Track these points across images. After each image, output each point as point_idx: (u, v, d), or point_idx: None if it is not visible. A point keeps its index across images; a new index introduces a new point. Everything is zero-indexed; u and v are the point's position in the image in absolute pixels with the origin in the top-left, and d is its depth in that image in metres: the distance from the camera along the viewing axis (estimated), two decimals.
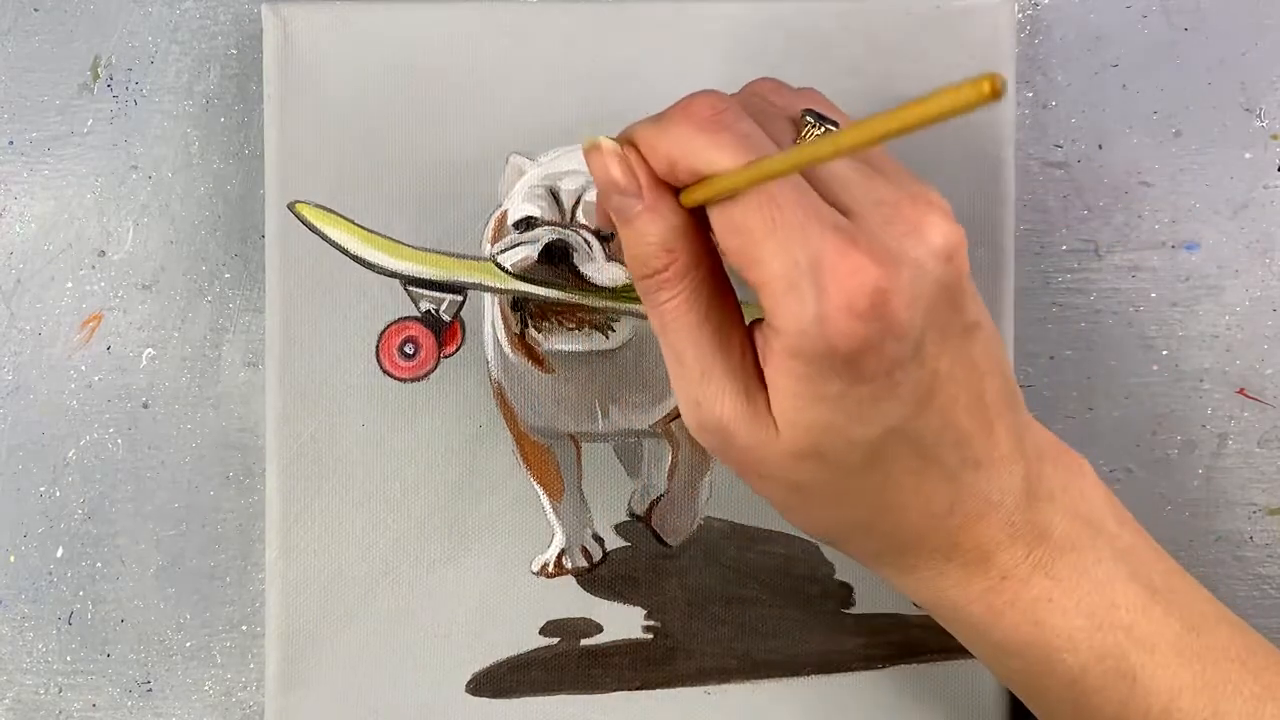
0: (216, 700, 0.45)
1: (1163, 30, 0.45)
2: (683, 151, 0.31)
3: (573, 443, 0.44)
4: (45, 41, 0.44)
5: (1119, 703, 0.34)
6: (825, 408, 0.31)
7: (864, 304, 0.30)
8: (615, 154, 0.33)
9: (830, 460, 0.32)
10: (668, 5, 0.43)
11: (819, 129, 0.33)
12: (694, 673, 0.44)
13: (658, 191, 0.32)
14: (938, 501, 0.33)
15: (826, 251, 0.30)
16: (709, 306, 0.33)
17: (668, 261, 0.32)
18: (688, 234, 0.32)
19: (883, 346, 0.30)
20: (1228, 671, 0.34)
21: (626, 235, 0.33)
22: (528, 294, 0.42)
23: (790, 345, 0.31)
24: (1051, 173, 0.45)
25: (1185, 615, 0.34)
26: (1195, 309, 0.45)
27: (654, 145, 0.32)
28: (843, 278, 0.30)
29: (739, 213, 0.31)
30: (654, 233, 0.32)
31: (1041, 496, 0.34)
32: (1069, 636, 0.34)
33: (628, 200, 0.33)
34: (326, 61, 0.43)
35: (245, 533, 0.45)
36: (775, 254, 0.30)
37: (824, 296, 0.30)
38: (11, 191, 0.45)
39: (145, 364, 0.45)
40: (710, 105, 0.32)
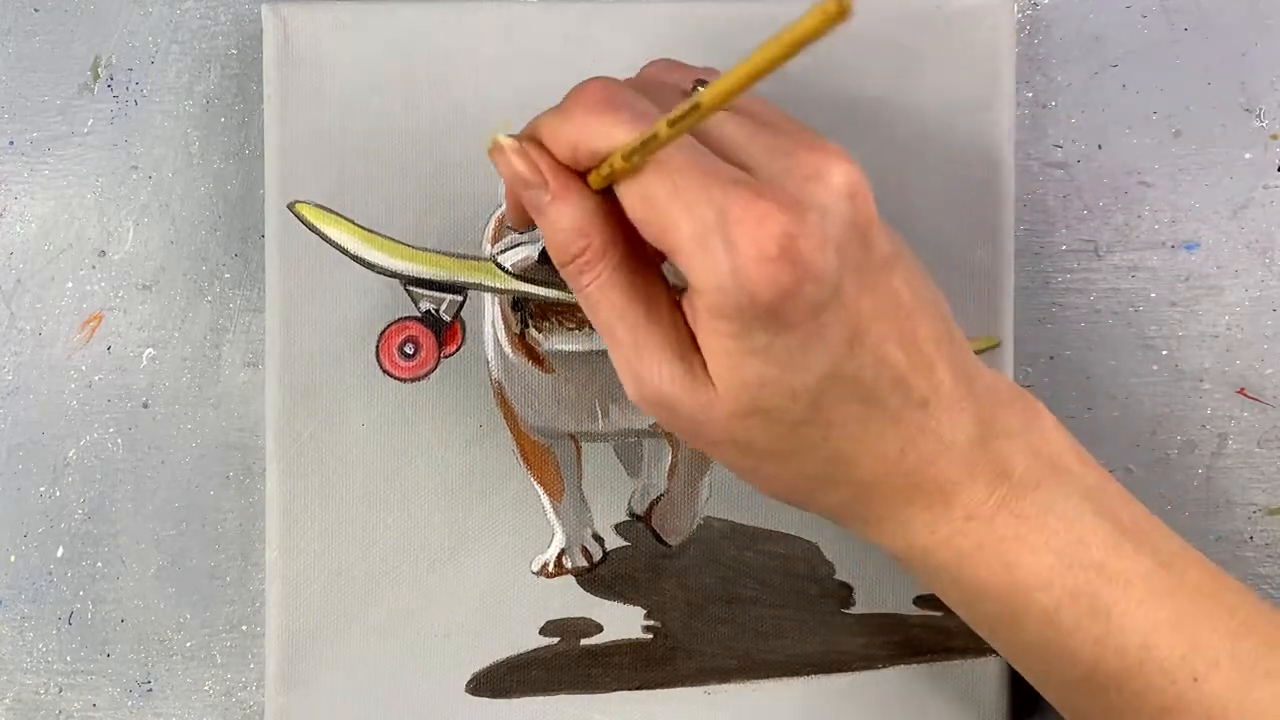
0: (216, 700, 0.45)
1: (1163, 30, 0.45)
2: (581, 135, 0.32)
3: (573, 442, 0.44)
4: (45, 41, 0.45)
5: (1094, 641, 0.34)
6: (756, 361, 0.31)
7: (774, 250, 0.30)
8: (515, 149, 0.34)
9: (773, 415, 0.32)
10: (668, 5, 0.43)
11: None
12: (694, 673, 0.44)
13: (562, 179, 0.33)
14: (888, 444, 0.33)
15: (730, 205, 0.30)
16: (632, 282, 0.33)
17: (584, 245, 0.33)
18: (600, 216, 0.33)
19: (801, 291, 0.30)
20: (1203, 607, 0.34)
21: (542, 225, 0.34)
22: (528, 294, 0.42)
23: (711, 303, 0.31)
24: (1051, 173, 0.45)
25: (1156, 553, 0.34)
26: (1195, 309, 0.45)
27: (555, 134, 0.33)
28: (750, 228, 0.30)
29: (642, 185, 0.31)
30: (566, 219, 0.33)
31: (998, 435, 0.34)
32: (1040, 575, 0.34)
33: (536, 192, 0.33)
34: (326, 61, 0.43)
35: (245, 533, 0.45)
36: (682, 217, 0.31)
37: (734, 249, 0.30)
38: (11, 191, 0.45)
39: (145, 364, 0.45)
40: (601, 88, 0.33)
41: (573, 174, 0.33)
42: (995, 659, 0.43)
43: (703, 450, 0.35)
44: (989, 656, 0.43)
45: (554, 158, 0.33)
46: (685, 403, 0.33)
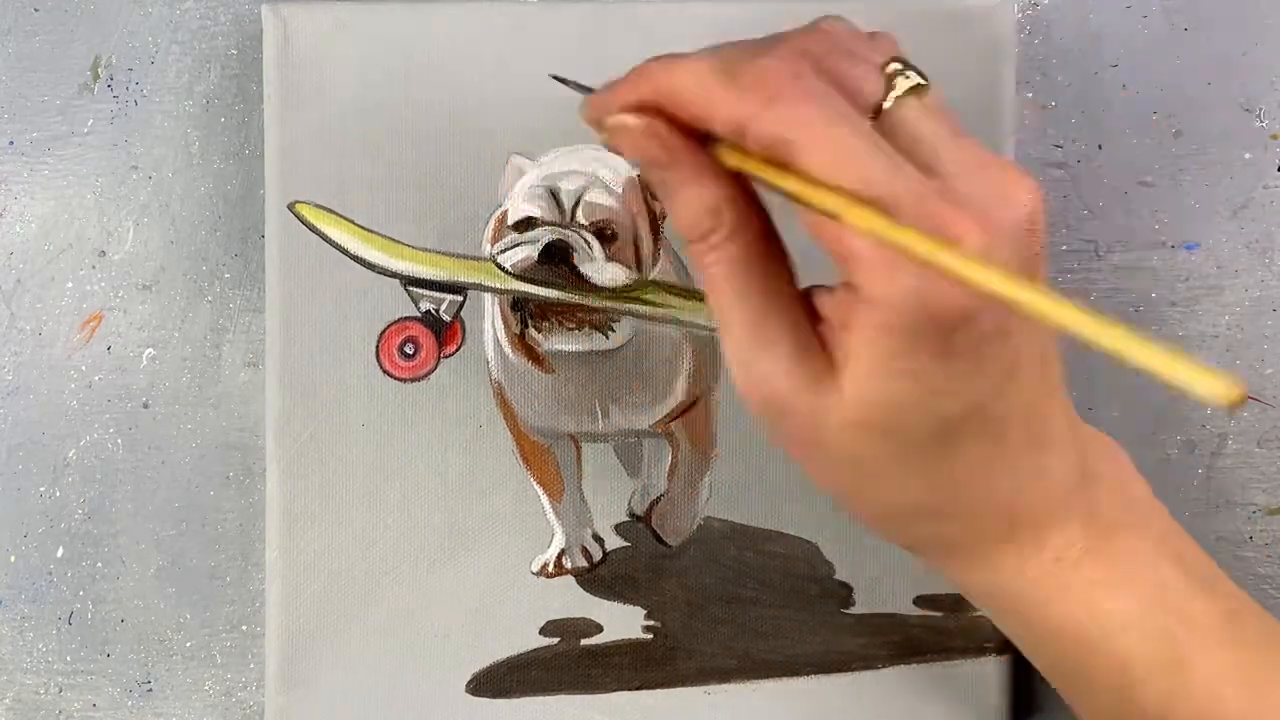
0: (216, 700, 0.45)
1: (1163, 30, 0.45)
2: (757, 121, 0.29)
3: (573, 443, 0.44)
4: (45, 41, 0.44)
5: (1166, 690, 0.33)
6: (906, 382, 0.30)
7: None
8: (644, 132, 0.31)
9: (898, 435, 0.31)
10: (668, 5, 0.43)
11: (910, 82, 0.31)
12: (694, 673, 0.44)
13: (698, 162, 0.31)
14: (1001, 483, 0.32)
15: (927, 221, 0.28)
16: (758, 268, 0.31)
17: (716, 224, 0.31)
18: (734, 195, 0.31)
19: (978, 318, 0.29)
20: (1267, 658, 0.33)
21: (672, 203, 0.32)
22: (528, 294, 0.42)
23: (885, 317, 0.29)
24: (1051, 173, 0.45)
25: (1224, 602, 0.34)
26: (1195, 309, 0.45)
27: (719, 109, 0.30)
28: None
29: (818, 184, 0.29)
30: (698, 199, 0.31)
31: (1093, 480, 0.34)
32: (1121, 619, 0.33)
33: (664, 171, 0.31)
34: (326, 61, 0.43)
35: (245, 533, 0.45)
36: None
37: None
38: (11, 191, 0.45)
39: (145, 364, 0.45)
40: (785, 72, 0.29)
41: (706, 153, 0.31)
42: (995, 659, 0.43)
43: (799, 459, 0.33)
44: (989, 657, 0.43)
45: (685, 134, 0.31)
46: (797, 402, 0.31)
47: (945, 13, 0.43)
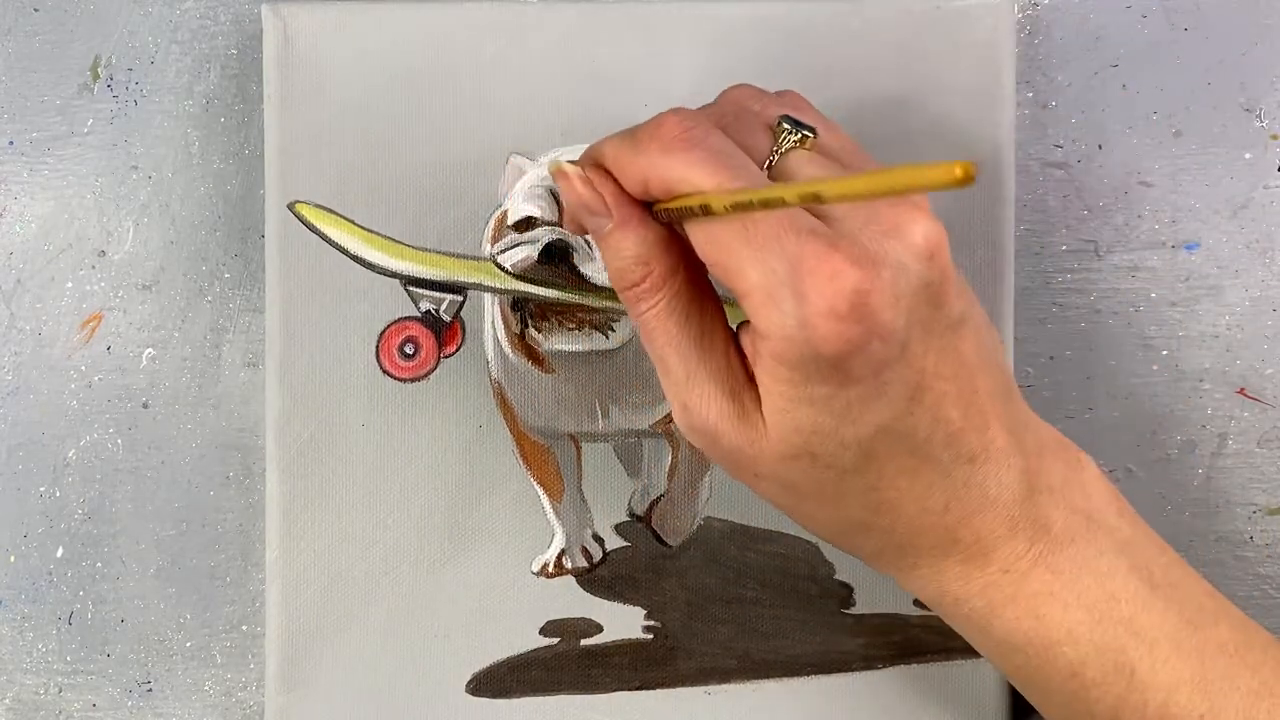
0: (216, 700, 0.45)
1: (1163, 30, 0.45)
2: (655, 171, 0.32)
3: (573, 443, 0.44)
4: (45, 41, 0.44)
5: (1116, 697, 0.34)
6: (814, 410, 0.31)
7: (844, 307, 0.30)
8: (580, 178, 0.34)
9: (821, 461, 0.32)
10: (667, 5, 0.43)
11: (795, 135, 0.33)
12: (694, 673, 0.44)
13: (627, 210, 0.33)
14: (933, 498, 0.33)
15: (804, 258, 0.30)
16: (689, 312, 0.33)
17: (644, 274, 0.33)
18: (662, 245, 0.33)
19: (868, 348, 0.30)
20: (1226, 667, 0.34)
21: (603, 251, 0.34)
22: (528, 294, 0.42)
23: (775, 350, 0.31)
24: (1051, 173, 0.45)
25: (1184, 609, 0.34)
26: (1195, 309, 0.45)
27: (625, 165, 0.33)
28: (821, 283, 0.30)
29: (714, 226, 0.31)
30: (628, 248, 0.33)
31: (1041, 490, 0.34)
32: (1069, 630, 0.34)
33: (599, 219, 0.33)
34: (326, 61, 0.43)
35: (245, 533, 0.45)
36: (753, 264, 0.30)
37: (804, 302, 0.30)
38: (11, 191, 0.45)
39: (145, 364, 0.45)
40: (679, 124, 0.32)
41: (636, 204, 0.33)
42: None
43: (747, 483, 0.35)
44: None
45: (618, 186, 0.33)
46: (732, 437, 0.33)
47: (945, 13, 0.43)
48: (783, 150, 0.33)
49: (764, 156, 0.33)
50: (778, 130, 0.34)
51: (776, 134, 0.34)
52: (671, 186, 0.32)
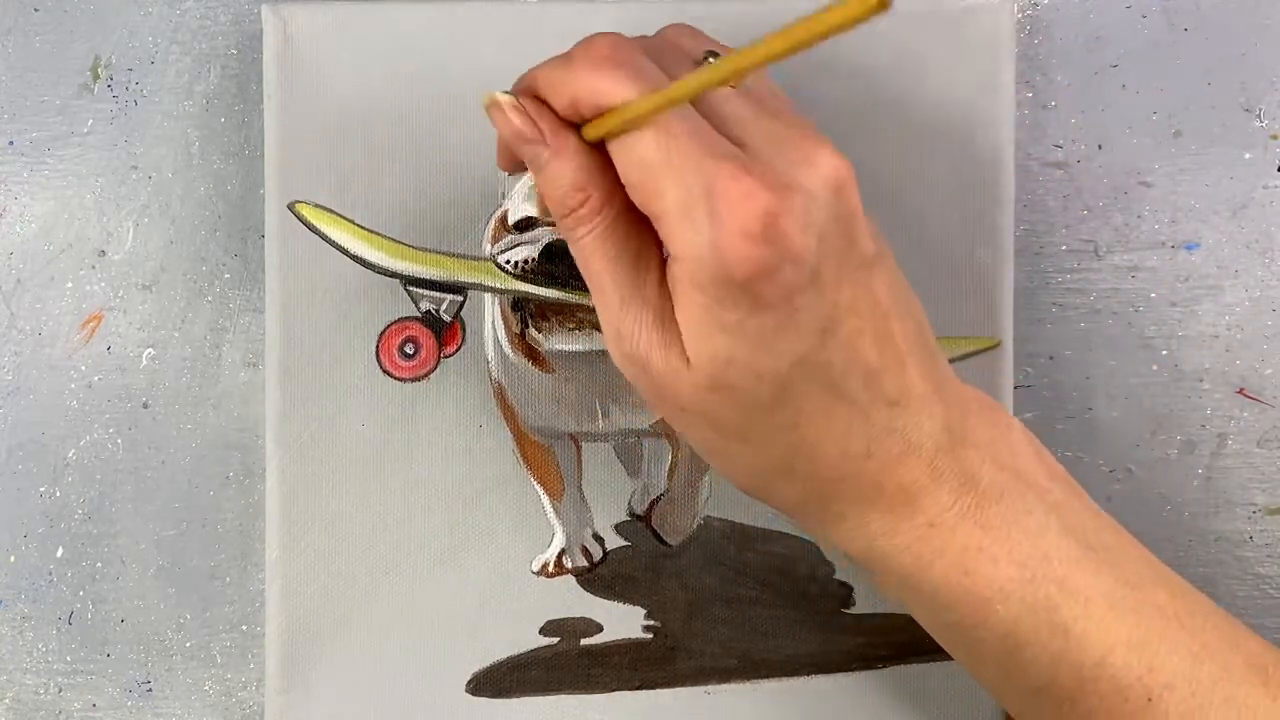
0: (216, 700, 0.45)
1: (1163, 30, 0.45)
2: (583, 89, 0.32)
3: (573, 442, 0.44)
4: (45, 41, 0.44)
5: (1052, 656, 0.33)
6: (727, 337, 0.32)
7: (756, 227, 0.30)
8: (513, 106, 0.34)
9: (739, 394, 0.32)
10: (667, 5, 0.43)
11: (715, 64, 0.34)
12: (694, 673, 0.44)
13: (562, 135, 0.33)
14: (854, 441, 0.33)
15: (719, 178, 0.30)
16: (625, 239, 0.33)
17: (581, 199, 0.33)
18: (598, 170, 0.33)
19: (779, 271, 0.31)
20: (1164, 629, 0.33)
21: (540, 181, 0.34)
22: (528, 294, 0.42)
23: (689, 272, 0.31)
24: (1051, 173, 0.45)
25: (1120, 571, 0.34)
26: (1195, 309, 0.45)
27: (555, 86, 0.33)
28: (735, 203, 0.30)
29: (637, 147, 0.31)
30: (565, 174, 0.33)
31: (966, 443, 0.34)
32: (1000, 587, 0.33)
33: (535, 148, 0.33)
34: (326, 61, 0.43)
35: (245, 533, 0.45)
36: (671, 184, 0.31)
37: (717, 221, 0.30)
38: (11, 191, 0.45)
39: (145, 364, 0.45)
40: (609, 44, 0.33)
41: (570, 128, 0.33)
42: None
43: (672, 421, 0.34)
44: None
45: (552, 112, 0.33)
46: (657, 365, 0.33)
47: (945, 12, 0.43)
48: None
49: None
50: (702, 64, 0.34)
51: (700, 67, 0.34)
52: (599, 101, 0.32)
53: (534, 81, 0.34)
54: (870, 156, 0.43)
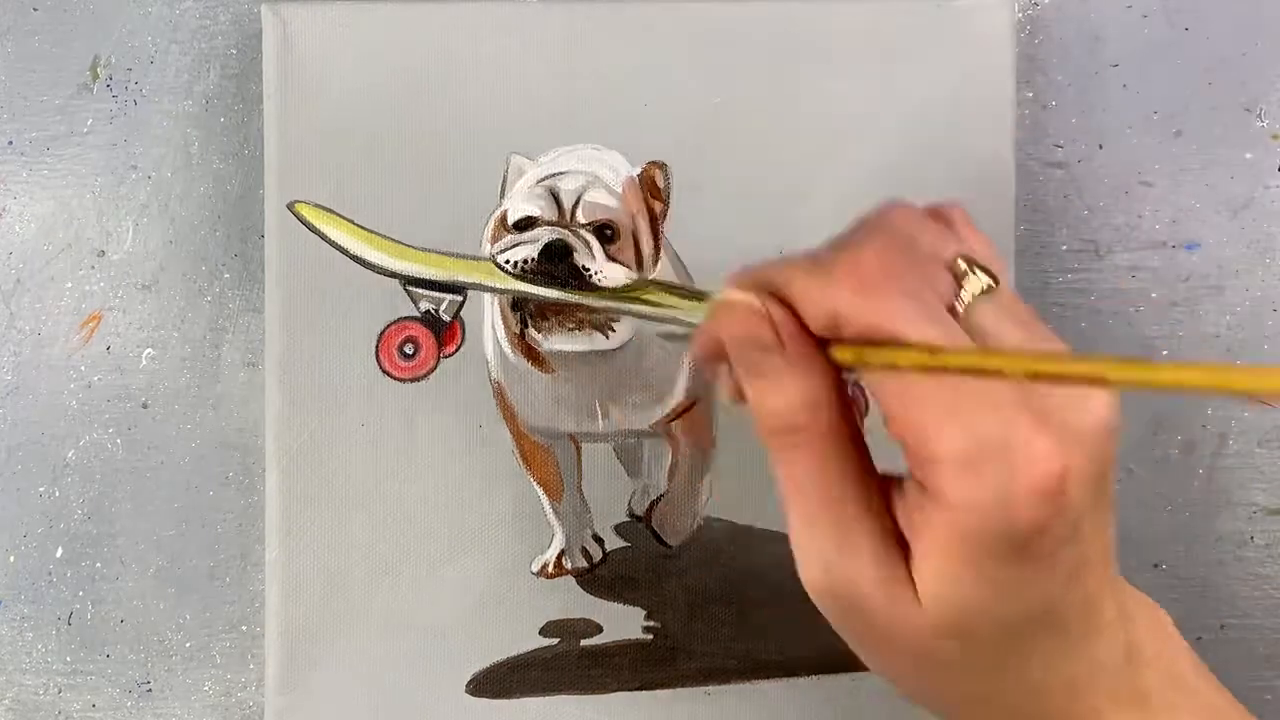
0: (216, 700, 0.45)
1: (1163, 30, 0.45)
2: (853, 310, 0.29)
3: (573, 443, 0.44)
4: (45, 41, 0.44)
5: None
6: (979, 588, 0.29)
7: (1054, 486, 0.28)
8: (751, 310, 0.30)
9: (974, 637, 0.30)
10: (667, 5, 0.43)
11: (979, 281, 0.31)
12: (694, 673, 0.44)
13: (806, 348, 0.30)
14: (1059, 671, 0.32)
15: (1018, 431, 0.28)
16: (847, 462, 0.31)
17: (810, 419, 0.30)
18: (833, 391, 0.30)
19: (1053, 528, 0.29)
20: None
21: (759, 389, 0.31)
22: (528, 294, 0.42)
23: (961, 523, 0.29)
24: (1051, 173, 0.45)
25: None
26: (1195, 309, 0.45)
27: (814, 298, 0.30)
28: (1034, 460, 0.28)
29: (913, 382, 0.29)
30: (796, 389, 0.30)
31: (1140, 662, 0.33)
32: None
33: (768, 355, 0.30)
34: (326, 61, 0.43)
35: (245, 533, 0.45)
36: (955, 429, 0.28)
37: (1013, 478, 0.28)
38: (11, 191, 0.45)
39: (145, 364, 0.45)
40: (879, 263, 0.30)
41: (814, 341, 0.30)
42: None
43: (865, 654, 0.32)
44: None
45: (796, 319, 0.30)
46: (879, 605, 0.30)
47: (945, 13, 0.43)
48: (966, 300, 0.30)
49: (947, 302, 0.30)
50: (958, 272, 0.31)
51: (957, 276, 0.31)
52: (870, 329, 0.29)
53: (778, 284, 0.30)
54: (870, 157, 0.43)
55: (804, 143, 0.43)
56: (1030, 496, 0.28)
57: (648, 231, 0.43)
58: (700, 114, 0.43)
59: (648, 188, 0.43)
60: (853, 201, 0.43)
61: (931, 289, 0.30)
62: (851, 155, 0.43)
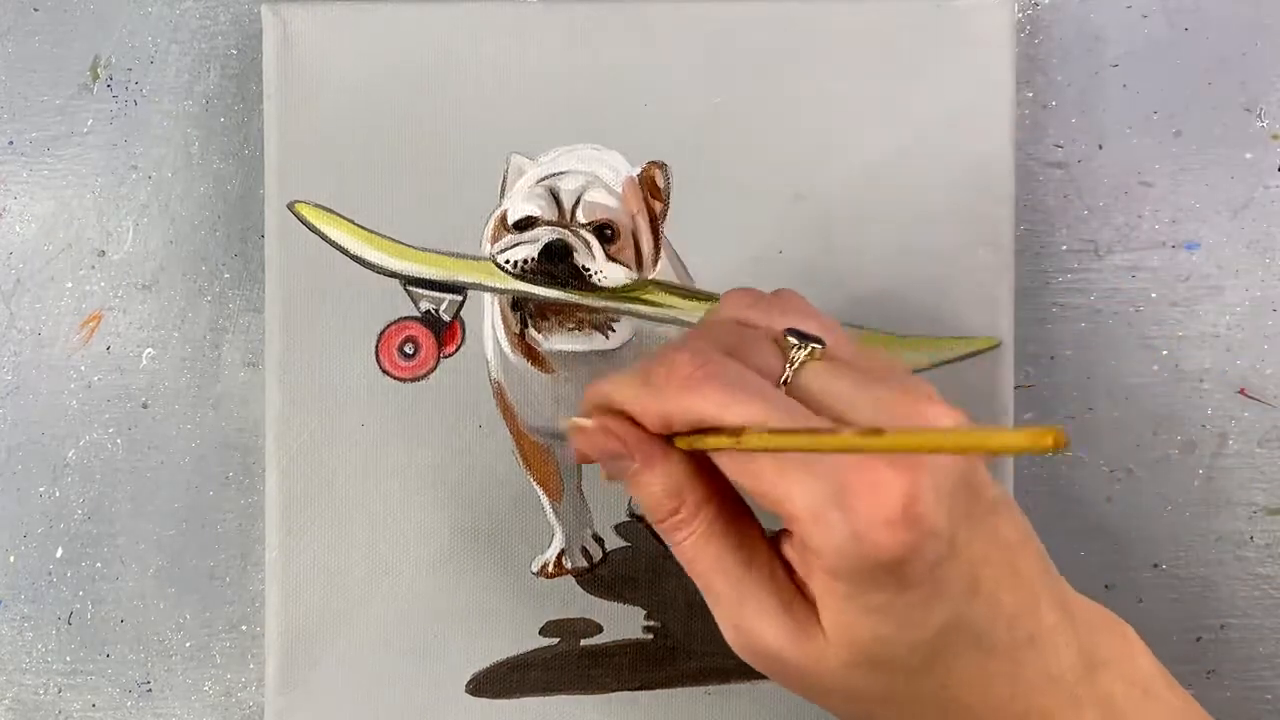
0: (216, 700, 0.45)
1: (1163, 30, 0.45)
2: (677, 409, 0.32)
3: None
4: (45, 41, 0.45)
5: None
6: (876, 618, 0.31)
7: (895, 512, 0.29)
8: (599, 430, 0.33)
9: (888, 666, 0.32)
10: (667, 5, 0.43)
11: (804, 349, 0.33)
12: (694, 673, 0.44)
13: (649, 449, 0.33)
14: (999, 687, 0.32)
15: (845, 473, 0.30)
16: (728, 533, 0.33)
17: (676, 505, 0.33)
18: (690, 474, 0.33)
19: (921, 550, 0.30)
20: None
21: (632, 489, 0.33)
22: (528, 294, 0.42)
23: (830, 565, 0.30)
24: (1051, 173, 0.45)
25: None
26: (1195, 309, 0.45)
27: (644, 408, 0.33)
28: (867, 495, 0.29)
29: (744, 456, 0.31)
30: (656, 484, 0.33)
31: (1099, 665, 0.34)
32: None
33: (623, 463, 0.33)
34: (326, 61, 0.43)
35: (245, 533, 0.45)
36: (794, 489, 0.30)
37: (854, 516, 0.30)
38: (11, 191, 0.45)
39: (145, 364, 0.45)
40: (691, 361, 0.32)
41: (658, 441, 0.33)
42: None
43: (809, 699, 0.34)
44: None
45: (636, 426, 0.33)
46: (793, 655, 0.32)
47: (945, 13, 0.43)
48: (795, 366, 0.33)
49: (778, 375, 0.33)
50: (786, 345, 0.33)
51: (785, 349, 0.33)
52: (696, 422, 0.31)
53: (613, 400, 0.33)
54: (870, 157, 0.43)
55: (804, 143, 0.43)
56: (880, 527, 0.29)
57: (648, 231, 0.43)
58: (700, 114, 0.43)
59: (648, 188, 0.43)
60: (853, 201, 0.43)
61: (758, 367, 0.32)
62: (851, 155, 0.43)
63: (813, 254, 0.43)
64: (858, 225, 0.43)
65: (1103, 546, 0.45)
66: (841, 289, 0.43)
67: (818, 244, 0.43)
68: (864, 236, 0.43)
